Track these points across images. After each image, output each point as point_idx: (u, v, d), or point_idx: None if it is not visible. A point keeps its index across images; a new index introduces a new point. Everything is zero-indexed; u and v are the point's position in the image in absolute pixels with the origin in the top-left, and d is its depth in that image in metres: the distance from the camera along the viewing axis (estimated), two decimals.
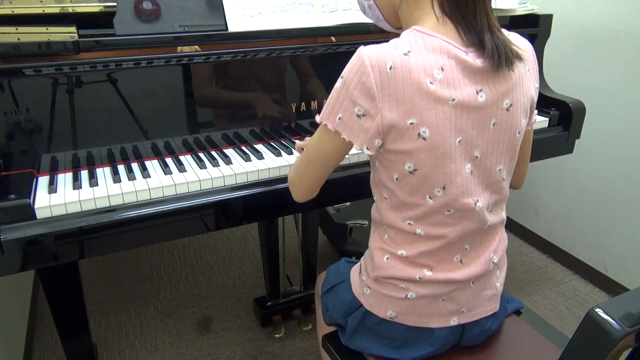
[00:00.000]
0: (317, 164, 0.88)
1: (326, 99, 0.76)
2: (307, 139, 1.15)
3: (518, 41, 0.84)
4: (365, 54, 0.75)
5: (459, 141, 0.78)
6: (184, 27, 1.16)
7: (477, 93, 0.77)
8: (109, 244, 1.00)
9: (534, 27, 1.60)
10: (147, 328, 1.78)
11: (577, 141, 1.58)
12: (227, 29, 1.18)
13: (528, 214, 2.30)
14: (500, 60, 0.76)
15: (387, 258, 0.88)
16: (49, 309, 1.27)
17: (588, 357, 0.58)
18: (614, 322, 0.55)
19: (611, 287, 1.96)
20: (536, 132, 1.49)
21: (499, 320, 1.00)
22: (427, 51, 0.75)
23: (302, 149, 1.13)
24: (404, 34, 0.79)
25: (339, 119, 0.79)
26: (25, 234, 0.90)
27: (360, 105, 0.76)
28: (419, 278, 0.86)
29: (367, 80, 0.74)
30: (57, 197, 0.96)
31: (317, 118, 0.83)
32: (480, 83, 0.77)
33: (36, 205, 0.93)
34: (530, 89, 0.84)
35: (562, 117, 1.53)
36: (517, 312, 1.08)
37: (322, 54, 1.29)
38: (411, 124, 0.75)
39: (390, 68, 0.73)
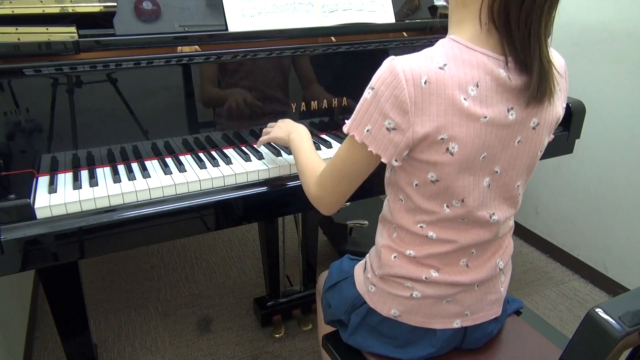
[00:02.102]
0: (347, 178, 0.85)
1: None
2: (273, 124, 1.14)
3: (556, 59, 0.81)
4: (399, 66, 0.71)
5: (483, 157, 0.77)
6: (184, 27, 1.16)
7: (508, 111, 0.75)
8: (109, 244, 1.00)
9: None
10: (147, 328, 1.78)
11: (577, 141, 1.58)
12: (227, 29, 1.18)
13: (528, 214, 2.30)
14: (544, 96, 0.74)
15: (395, 257, 0.88)
16: (49, 309, 1.27)
17: (588, 357, 0.58)
18: (614, 322, 0.55)
19: (611, 287, 1.96)
20: None
21: (501, 324, 1.00)
22: (464, 65, 0.72)
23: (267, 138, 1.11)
24: (439, 44, 0.76)
25: (367, 131, 0.76)
26: (25, 234, 0.90)
27: (391, 119, 0.73)
28: (425, 278, 0.86)
29: (401, 94, 0.71)
30: (57, 197, 0.96)
31: (345, 128, 0.81)
32: (512, 101, 0.75)
33: (36, 205, 0.93)
34: (558, 109, 0.83)
35: (562, 117, 1.53)
36: (517, 312, 1.08)
37: (322, 54, 1.29)
38: (442, 139, 0.73)
39: (425, 82, 0.71)
